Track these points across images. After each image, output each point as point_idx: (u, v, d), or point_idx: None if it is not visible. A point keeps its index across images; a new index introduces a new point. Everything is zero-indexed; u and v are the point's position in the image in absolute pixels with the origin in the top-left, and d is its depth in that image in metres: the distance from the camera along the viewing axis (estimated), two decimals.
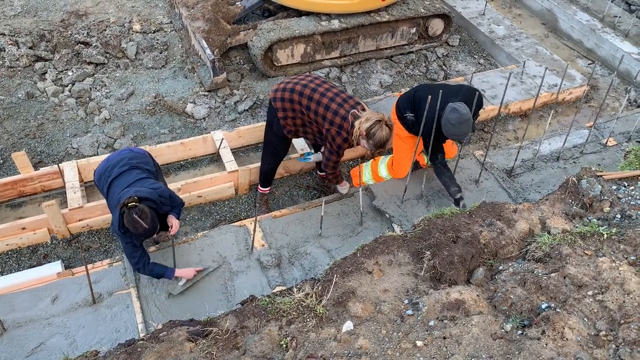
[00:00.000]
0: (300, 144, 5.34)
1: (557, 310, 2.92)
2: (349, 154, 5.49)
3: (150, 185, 3.74)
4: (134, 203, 3.49)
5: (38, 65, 6.08)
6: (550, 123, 5.62)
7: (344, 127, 4.18)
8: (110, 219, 4.62)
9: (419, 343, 2.84)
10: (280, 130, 4.49)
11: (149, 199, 3.61)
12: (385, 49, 6.68)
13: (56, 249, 4.58)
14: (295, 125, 4.44)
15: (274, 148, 4.68)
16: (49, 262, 4.42)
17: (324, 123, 4.25)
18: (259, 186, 4.95)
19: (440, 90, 3.98)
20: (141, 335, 3.56)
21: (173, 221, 3.83)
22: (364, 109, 4.20)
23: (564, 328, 2.79)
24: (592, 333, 2.84)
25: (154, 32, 6.69)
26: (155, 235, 3.94)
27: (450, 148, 4.82)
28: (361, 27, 6.30)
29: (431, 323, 2.96)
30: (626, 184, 3.95)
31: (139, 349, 2.93)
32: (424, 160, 4.82)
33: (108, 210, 4.60)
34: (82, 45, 6.32)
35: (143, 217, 3.50)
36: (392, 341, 2.90)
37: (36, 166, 5.10)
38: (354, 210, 4.69)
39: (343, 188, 4.82)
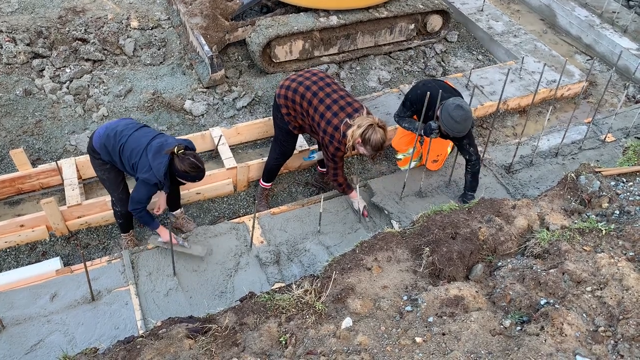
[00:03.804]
0: (299, 142, 5.33)
1: (556, 306, 2.93)
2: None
3: (180, 139, 3.93)
4: (183, 150, 3.72)
5: (35, 62, 6.06)
6: (548, 119, 5.62)
7: (335, 138, 4.14)
8: (106, 215, 4.67)
9: (418, 339, 2.85)
10: (286, 125, 4.50)
11: (190, 148, 3.87)
12: (384, 45, 6.67)
13: (55, 246, 4.57)
14: (298, 123, 4.44)
15: (280, 143, 4.67)
16: (48, 259, 4.41)
17: (319, 130, 4.25)
18: (261, 180, 4.95)
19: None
20: (140, 332, 3.56)
21: None
22: (363, 113, 4.14)
23: (562, 324, 2.79)
24: (591, 329, 2.84)
25: (152, 28, 6.67)
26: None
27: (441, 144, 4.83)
28: (359, 24, 6.29)
29: (430, 319, 2.97)
30: (625, 180, 3.95)
31: (138, 346, 2.93)
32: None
33: (107, 207, 4.61)
34: (79, 42, 6.30)
35: (200, 160, 3.79)
36: (391, 337, 2.91)
37: (34, 163, 5.09)
38: (353, 207, 4.69)
39: (354, 200, 4.62)
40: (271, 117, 4.92)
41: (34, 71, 6.02)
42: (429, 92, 4.09)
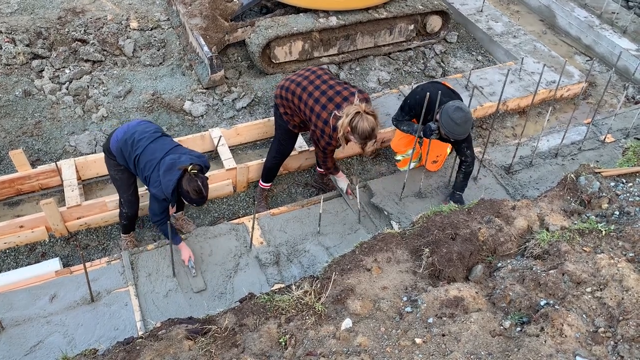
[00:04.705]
0: (299, 142, 5.33)
1: (556, 307, 2.92)
2: (342, 152, 5.47)
3: (196, 154, 3.86)
4: (195, 171, 3.63)
5: (35, 62, 6.05)
6: (548, 120, 5.62)
7: (326, 132, 4.15)
8: (105, 216, 4.67)
9: (417, 340, 2.84)
10: (285, 124, 4.52)
11: (204, 168, 3.78)
12: (383, 45, 6.67)
13: (54, 247, 4.57)
14: (296, 121, 4.46)
15: (279, 141, 4.69)
16: (47, 260, 4.41)
17: (311, 125, 4.27)
18: (261, 181, 4.95)
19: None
20: (140, 333, 3.56)
21: None
22: (353, 101, 4.10)
23: (562, 325, 2.79)
24: (591, 330, 2.84)
25: (152, 29, 6.67)
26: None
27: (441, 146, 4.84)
28: (359, 24, 6.29)
29: (430, 320, 2.96)
30: (624, 181, 3.95)
31: (137, 347, 2.93)
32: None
33: (105, 209, 4.61)
34: (79, 43, 6.29)
35: (205, 186, 3.67)
36: (391, 338, 2.90)
37: (34, 164, 5.08)
38: (353, 208, 4.69)
39: (341, 180, 4.78)
40: (271, 118, 4.94)
41: (33, 72, 6.01)
42: (428, 94, 4.09)
